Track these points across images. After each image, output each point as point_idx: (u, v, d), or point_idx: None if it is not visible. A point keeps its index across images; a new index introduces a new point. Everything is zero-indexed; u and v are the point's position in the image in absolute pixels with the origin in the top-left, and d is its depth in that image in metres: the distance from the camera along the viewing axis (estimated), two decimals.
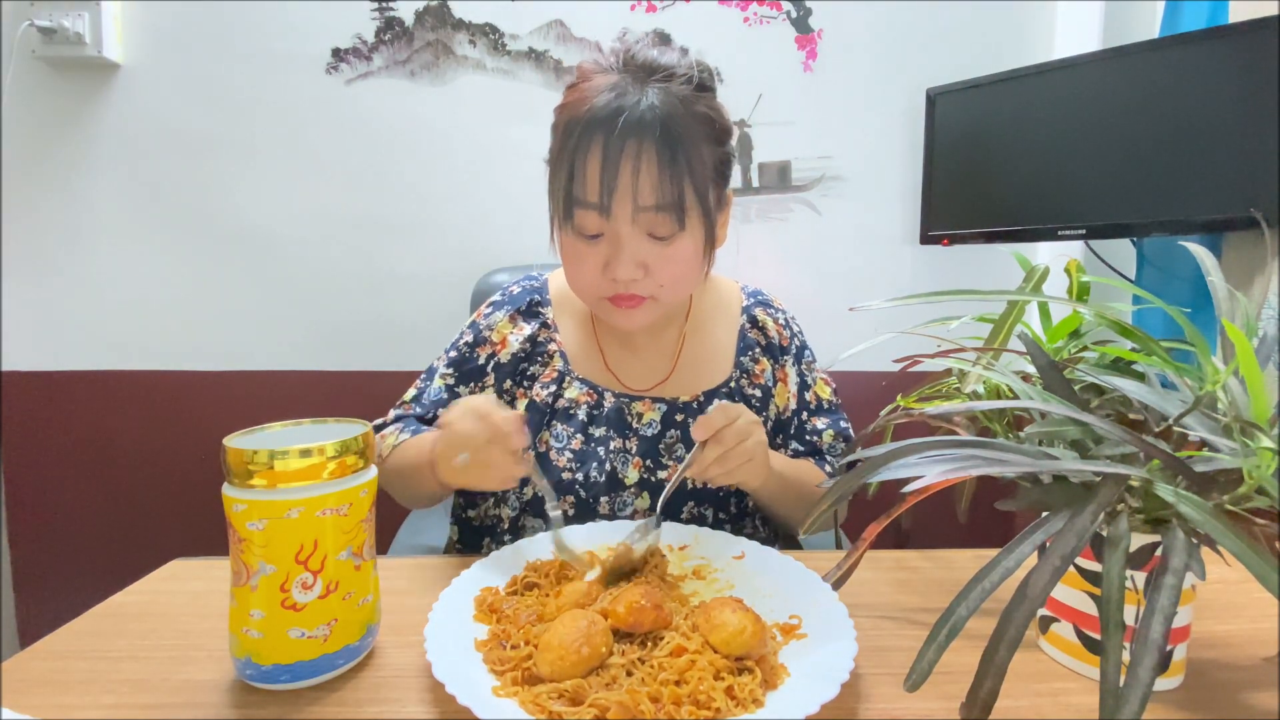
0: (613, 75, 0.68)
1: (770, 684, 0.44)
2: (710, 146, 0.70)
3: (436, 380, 0.82)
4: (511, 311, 0.83)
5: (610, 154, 0.64)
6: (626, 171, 0.65)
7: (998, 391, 0.53)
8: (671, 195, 0.66)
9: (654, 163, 0.65)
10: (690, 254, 0.70)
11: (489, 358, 0.81)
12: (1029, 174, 1.24)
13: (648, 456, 0.76)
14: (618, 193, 0.65)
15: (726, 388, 0.81)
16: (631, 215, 0.67)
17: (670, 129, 0.65)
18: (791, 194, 1.49)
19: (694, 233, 0.69)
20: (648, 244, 0.68)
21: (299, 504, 0.43)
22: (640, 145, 0.65)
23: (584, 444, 0.76)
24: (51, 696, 0.45)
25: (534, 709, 0.40)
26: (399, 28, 1.41)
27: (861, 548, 0.53)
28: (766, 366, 0.84)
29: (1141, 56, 1.08)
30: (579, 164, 0.66)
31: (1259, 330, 0.45)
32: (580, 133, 0.66)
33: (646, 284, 0.70)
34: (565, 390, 0.79)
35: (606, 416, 0.78)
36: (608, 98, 0.66)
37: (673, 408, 0.79)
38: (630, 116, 0.64)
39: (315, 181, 1.43)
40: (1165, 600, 0.32)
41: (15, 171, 1.39)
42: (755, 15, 1.45)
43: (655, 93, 0.66)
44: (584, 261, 0.70)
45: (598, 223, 0.68)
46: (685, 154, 0.66)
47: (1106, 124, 1.12)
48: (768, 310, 0.87)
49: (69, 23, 1.30)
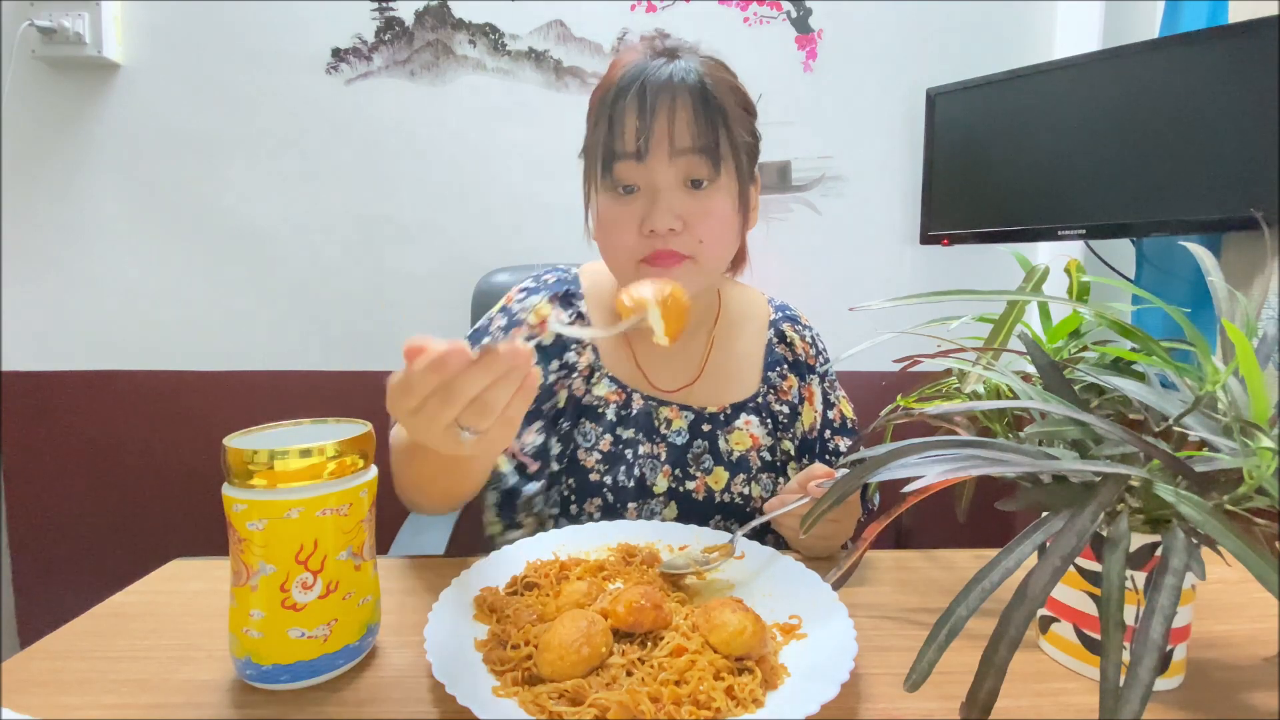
0: (645, 54, 0.71)
1: (770, 684, 0.44)
2: (741, 112, 0.71)
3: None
4: (549, 296, 0.81)
5: (647, 103, 0.66)
6: (663, 117, 0.66)
7: (998, 391, 0.53)
8: (707, 138, 0.67)
9: (689, 107, 0.67)
10: (726, 210, 0.70)
11: (529, 339, 0.78)
12: (1029, 174, 1.24)
13: (676, 466, 0.76)
14: (655, 136, 0.66)
15: (754, 402, 0.80)
16: (669, 157, 0.67)
17: (705, 83, 0.67)
18: (791, 194, 1.49)
19: (729, 186, 0.70)
20: (684, 194, 0.69)
21: (299, 504, 0.43)
22: (675, 94, 0.67)
23: (613, 445, 0.75)
24: (51, 696, 0.45)
25: (534, 709, 0.40)
26: (399, 28, 1.41)
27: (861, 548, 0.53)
28: (794, 383, 0.83)
29: (1141, 56, 1.08)
30: (616, 119, 0.68)
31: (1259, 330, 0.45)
32: (616, 94, 0.68)
33: (685, 239, 0.69)
34: (594, 386, 0.78)
35: (635, 419, 0.77)
36: (642, 64, 0.68)
37: (700, 417, 0.78)
38: (665, 71, 0.67)
39: (315, 181, 1.43)
40: (1165, 600, 0.32)
41: (15, 171, 1.39)
42: (755, 15, 1.45)
43: (689, 59, 0.69)
44: (621, 222, 0.69)
45: (634, 171, 0.68)
46: (720, 104, 0.68)
47: (1106, 124, 1.12)
48: (795, 327, 0.87)
49: (69, 23, 1.30)
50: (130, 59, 1.38)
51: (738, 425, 0.79)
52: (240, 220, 1.43)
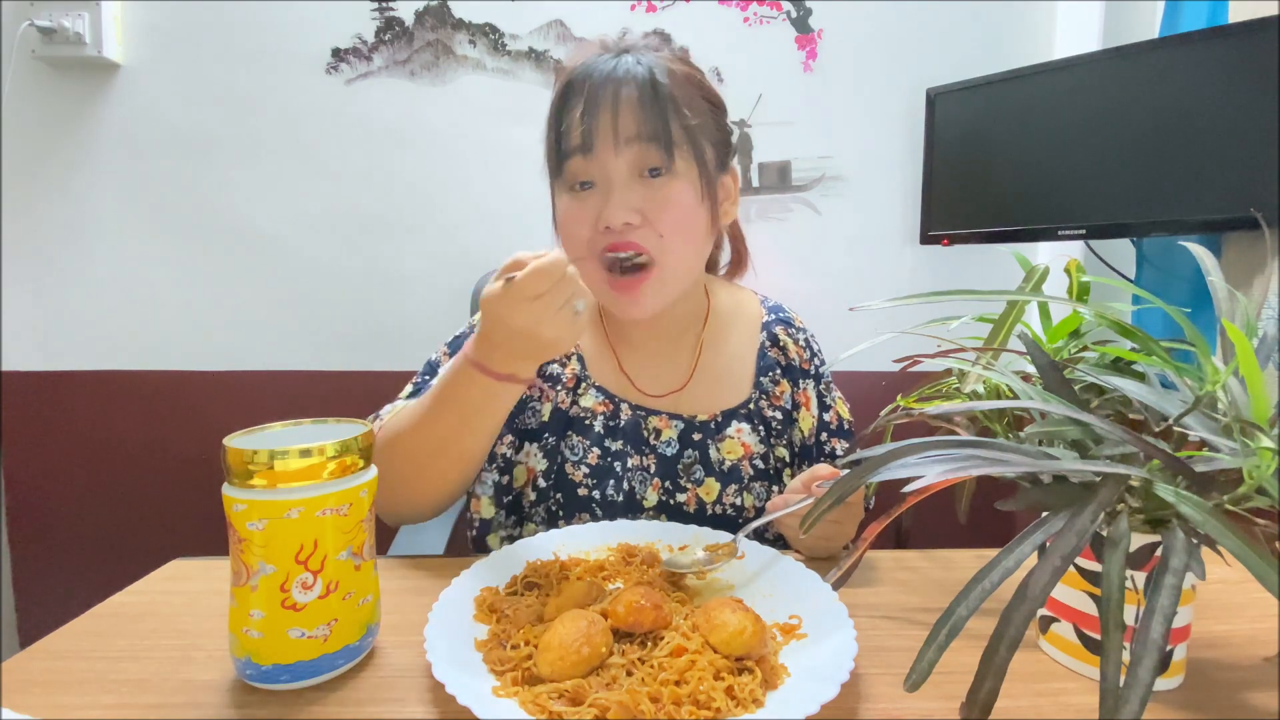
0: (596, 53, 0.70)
1: (770, 684, 0.44)
2: (699, 100, 0.70)
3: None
4: None
5: (591, 97, 0.65)
6: (606, 108, 0.65)
7: (998, 391, 0.53)
8: (655, 125, 0.65)
9: (634, 97, 0.65)
10: (687, 200, 0.68)
11: None
12: (1029, 174, 1.24)
13: (666, 478, 0.75)
14: (600, 127, 0.65)
15: (745, 408, 0.79)
16: (615, 147, 0.66)
17: (653, 74, 0.66)
18: (791, 194, 1.49)
19: (687, 174, 0.68)
20: (639, 185, 0.67)
21: (299, 504, 0.43)
22: (619, 85, 0.66)
23: (601, 458, 0.74)
24: (51, 696, 0.45)
25: (534, 709, 0.40)
26: (399, 28, 1.41)
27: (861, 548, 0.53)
28: (787, 389, 0.81)
29: (1141, 56, 1.08)
30: (567, 116, 0.67)
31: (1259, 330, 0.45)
32: (566, 90, 0.67)
33: (645, 233, 0.67)
34: (581, 397, 0.77)
35: (623, 430, 0.76)
36: (592, 61, 0.68)
37: (690, 426, 0.77)
38: (613, 67, 0.66)
39: (315, 181, 1.43)
40: (1165, 600, 0.32)
41: (15, 171, 1.39)
42: (755, 15, 1.45)
43: (639, 54, 0.68)
44: (576, 218, 0.68)
45: (584, 166, 0.67)
46: (669, 94, 0.66)
47: (1106, 124, 1.12)
48: (789, 330, 0.84)
49: (69, 23, 1.30)
50: (130, 59, 1.38)
51: (729, 433, 0.77)
52: (240, 220, 1.43)
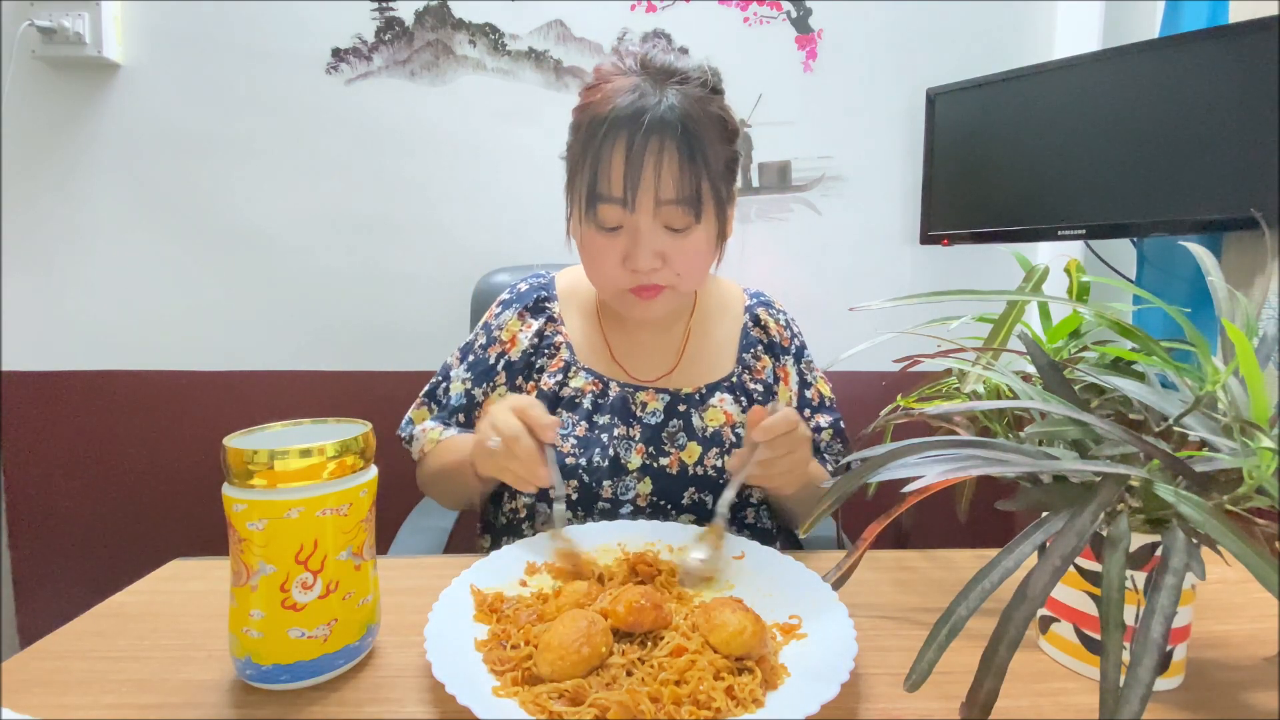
0: (632, 77, 0.71)
1: (770, 684, 0.44)
2: (722, 145, 0.73)
3: (455, 384, 0.85)
4: (520, 309, 0.86)
5: (634, 151, 0.67)
6: (650, 167, 0.68)
7: (998, 391, 0.53)
8: (690, 189, 0.69)
9: (675, 159, 0.68)
10: (704, 245, 0.74)
11: (499, 357, 0.84)
12: (1029, 174, 1.24)
13: (650, 443, 0.78)
14: (641, 187, 0.68)
15: (729, 381, 0.83)
16: (653, 209, 0.70)
17: (689, 128, 0.68)
18: (791, 194, 1.49)
19: (708, 225, 0.73)
20: (665, 235, 0.71)
21: (299, 504, 0.43)
22: (662, 143, 0.68)
23: (588, 431, 0.78)
24: (51, 696, 0.45)
25: (534, 709, 0.40)
26: (399, 28, 1.41)
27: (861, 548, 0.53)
28: (768, 364, 0.86)
29: (1141, 56, 1.08)
30: (604, 160, 0.69)
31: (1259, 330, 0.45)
32: (605, 131, 0.69)
33: (665, 274, 0.73)
34: (571, 380, 0.81)
35: (611, 405, 0.80)
36: (630, 98, 0.69)
37: (675, 398, 0.81)
38: (653, 116, 0.67)
39: (315, 181, 1.43)
40: (1165, 600, 0.32)
41: (15, 171, 1.39)
42: (755, 15, 1.44)
43: (674, 94, 0.69)
44: (604, 254, 0.73)
45: (619, 215, 0.71)
46: (702, 151, 0.69)
47: (1106, 124, 1.12)
48: (769, 310, 0.89)
49: (69, 23, 1.30)
50: (130, 59, 1.38)
51: (712, 403, 0.81)
52: (240, 220, 1.43)
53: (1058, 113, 1.18)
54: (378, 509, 0.50)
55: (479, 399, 0.84)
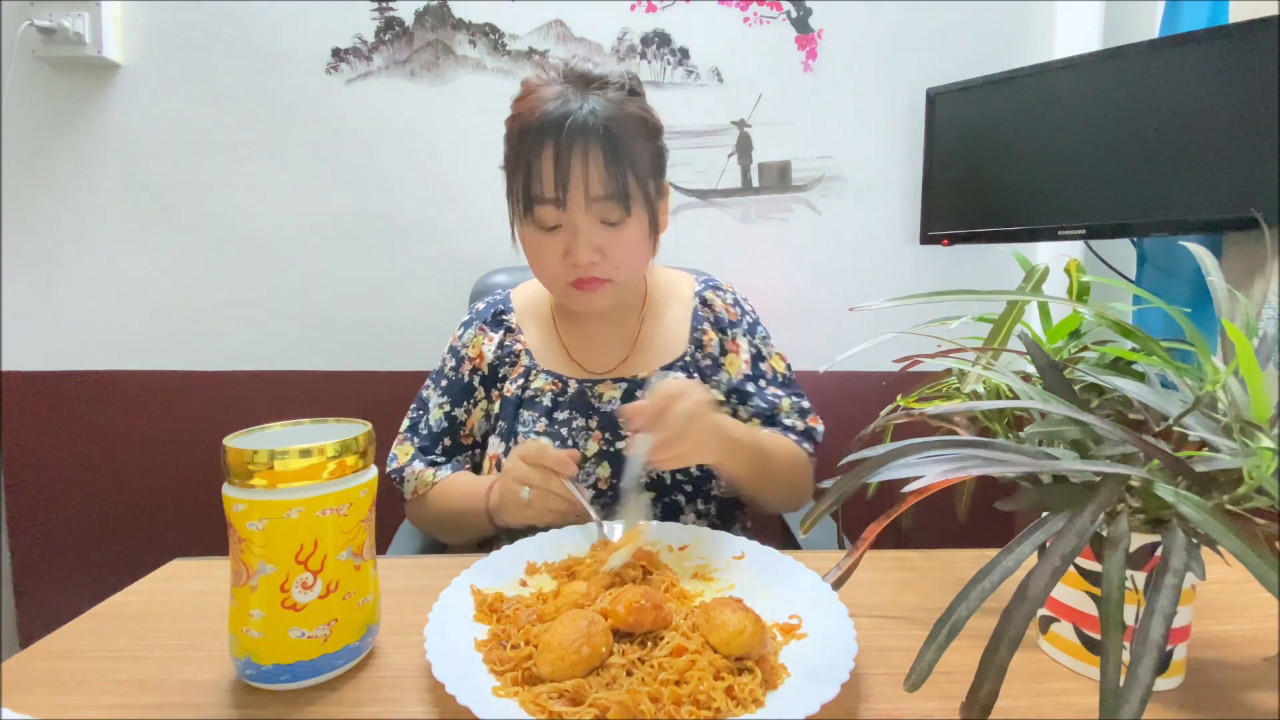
0: (556, 86, 0.76)
1: (770, 684, 0.44)
2: (646, 143, 0.78)
3: (434, 411, 0.88)
4: (480, 325, 0.91)
5: (562, 153, 0.72)
6: (577, 167, 0.73)
7: (998, 391, 0.53)
8: (618, 185, 0.74)
9: (600, 159, 0.73)
10: (638, 237, 0.79)
11: (472, 372, 0.88)
12: (1029, 174, 1.24)
13: (606, 430, 0.82)
14: (571, 186, 0.73)
15: (681, 362, 0.87)
16: (585, 205, 0.74)
17: (611, 128, 0.73)
18: (791, 194, 1.49)
19: (639, 218, 0.78)
20: (600, 230, 0.76)
21: (299, 504, 0.43)
22: (586, 145, 0.73)
23: (548, 427, 0.82)
24: (51, 696, 0.45)
25: (534, 709, 0.40)
26: (399, 28, 1.41)
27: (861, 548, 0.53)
28: (714, 338, 0.89)
29: (1141, 56, 1.08)
30: (535, 165, 0.74)
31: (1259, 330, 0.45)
32: (533, 137, 0.74)
33: (604, 266, 0.77)
34: (532, 382, 0.85)
35: (570, 401, 0.84)
36: (555, 104, 0.74)
37: (633, 385, 0.85)
38: (576, 120, 0.72)
39: (315, 181, 1.43)
40: (1165, 600, 0.32)
41: (15, 171, 1.39)
42: (755, 15, 1.44)
43: (595, 99, 0.74)
44: (546, 252, 0.78)
45: (555, 215, 0.75)
46: (626, 149, 0.74)
47: (1106, 124, 1.12)
48: (717, 292, 0.93)
49: (69, 23, 1.30)
50: (130, 59, 1.38)
51: None
52: (240, 220, 1.43)
53: (1058, 113, 1.18)
54: (378, 509, 0.50)
55: (461, 419, 0.87)
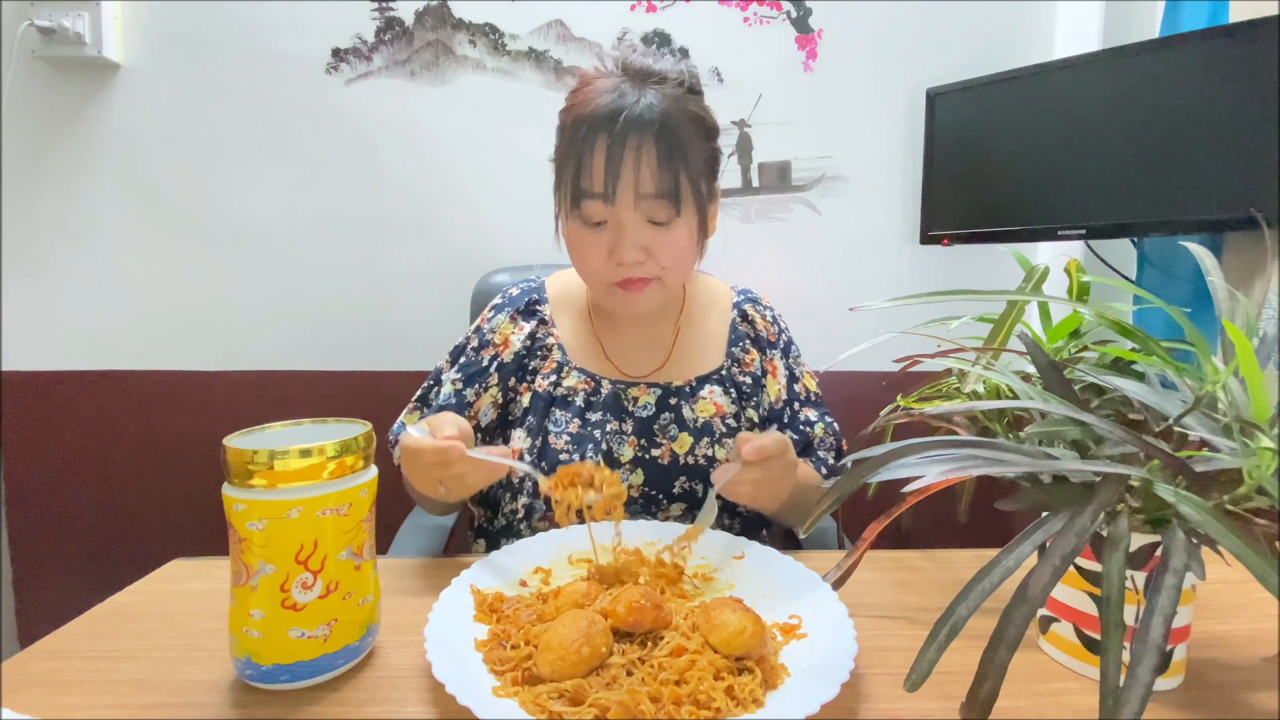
0: (613, 79, 0.74)
1: (770, 684, 0.44)
2: (701, 143, 0.75)
3: (446, 385, 0.86)
4: (512, 312, 0.88)
5: (614, 148, 0.70)
6: (629, 162, 0.71)
7: (998, 391, 0.53)
8: (669, 184, 0.71)
9: (652, 155, 0.71)
10: (686, 239, 0.76)
11: (492, 359, 0.86)
12: (1029, 174, 1.24)
13: (642, 436, 0.80)
14: (621, 181, 0.71)
15: (718, 374, 0.85)
16: (634, 202, 0.72)
17: (666, 124, 0.71)
18: (791, 194, 1.49)
19: (688, 219, 0.75)
20: (648, 229, 0.74)
21: (299, 504, 0.43)
22: (640, 140, 0.70)
23: (581, 428, 0.80)
24: (51, 696, 0.45)
25: (534, 709, 0.40)
26: (399, 28, 1.41)
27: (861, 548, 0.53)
28: (755, 357, 0.88)
29: (1141, 56, 1.08)
30: (585, 158, 0.72)
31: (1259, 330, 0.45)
32: (586, 130, 0.71)
33: (649, 266, 0.75)
34: (564, 379, 0.83)
35: (604, 402, 0.81)
36: (610, 98, 0.72)
37: (667, 391, 0.83)
38: (630, 114, 0.70)
39: (315, 181, 1.43)
40: (1165, 600, 0.32)
41: (15, 171, 1.39)
42: (755, 15, 1.44)
43: (652, 93, 0.72)
44: (590, 249, 0.75)
45: (602, 210, 0.73)
46: (680, 147, 0.72)
47: (1106, 124, 1.12)
48: (756, 307, 0.92)
49: (69, 23, 1.30)
50: (130, 59, 1.38)
51: (702, 395, 0.83)
52: (240, 220, 1.43)
53: (1058, 113, 1.18)
54: (378, 509, 0.50)
55: (469, 399, 0.85)
